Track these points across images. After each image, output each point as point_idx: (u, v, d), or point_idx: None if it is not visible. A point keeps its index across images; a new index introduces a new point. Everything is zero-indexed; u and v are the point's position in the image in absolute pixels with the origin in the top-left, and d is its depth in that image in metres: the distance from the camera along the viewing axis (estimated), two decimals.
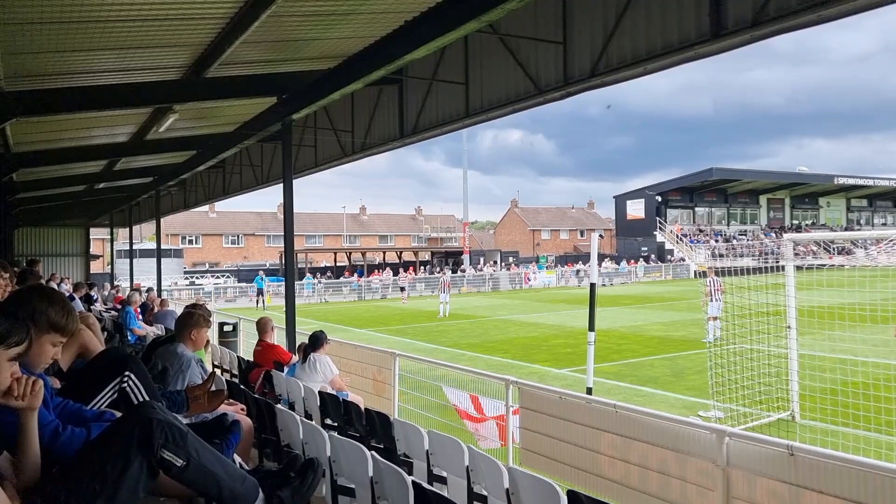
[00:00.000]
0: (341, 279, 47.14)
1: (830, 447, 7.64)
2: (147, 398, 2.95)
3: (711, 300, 16.65)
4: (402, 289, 41.56)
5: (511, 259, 58.10)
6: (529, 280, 48.31)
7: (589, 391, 9.80)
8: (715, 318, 16.09)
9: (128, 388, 3.00)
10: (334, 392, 7.24)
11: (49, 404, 2.43)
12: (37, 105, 9.08)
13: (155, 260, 26.38)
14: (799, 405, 10.42)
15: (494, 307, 32.55)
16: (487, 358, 17.12)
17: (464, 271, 49.64)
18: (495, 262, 55.90)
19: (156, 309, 14.61)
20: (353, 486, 4.31)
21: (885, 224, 72.80)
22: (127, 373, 3.02)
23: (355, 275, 47.71)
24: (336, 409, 6.43)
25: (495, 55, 8.78)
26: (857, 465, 4.50)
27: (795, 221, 68.51)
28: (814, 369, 11.44)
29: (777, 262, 12.30)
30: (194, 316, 4.95)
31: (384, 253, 63.20)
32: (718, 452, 5.16)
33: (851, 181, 66.17)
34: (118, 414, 2.74)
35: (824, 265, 18.94)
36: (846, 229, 64.04)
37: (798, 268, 11.97)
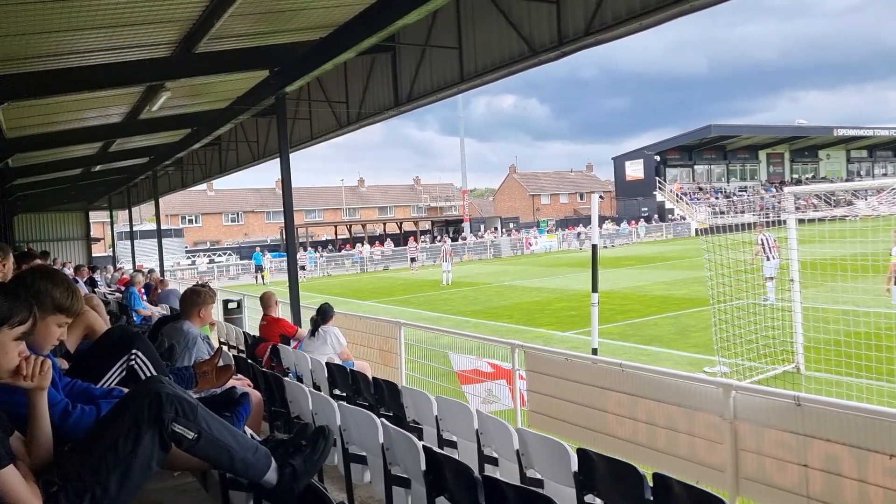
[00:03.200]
0: (343, 252, 47.17)
1: (836, 397, 7.70)
2: (153, 374, 2.96)
3: (767, 259, 15.62)
4: (413, 259, 41.18)
5: (512, 225, 58.05)
6: (531, 245, 48.31)
7: (594, 352, 9.84)
8: (771, 279, 15.17)
9: (136, 366, 3.01)
10: (342, 362, 7.28)
11: (58, 384, 2.43)
12: (27, 88, 8.99)
13: (155, 241, 26.38)
14: (804, 357, 10.47)
15: (497, 274, 32.61)
16: (491, 324, 17.20)
17: (465, 239, 49.63)
18: (496, 229, 55.86)
19: (159, 289, 14.64)
20: (364, 453, 4.36)
21: (885, 174, 72.36)
22: (134, 350, 3.03)
23: (358, 245, 47.71)
24: (344, 380, 6.47)
25: (488, 17, 8.65)
26: (864, 413, 4.53)
27: (795, 175, 68.21)
28: (818, 321, 11.47)
29: (778, 216, 12.27)
30: (201, 293, 4.97)
31: (384, 224, 63.15)
32: (725, 406, 5.19)
33: (851, 132, 65.71)
34: (126, 391, 2.75)
35: (825, 217, 18.93)
36: (846, 181, 63.84)
37: (800, 221, 11.93)
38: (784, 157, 68.72)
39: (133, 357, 3.01)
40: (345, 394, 6.39)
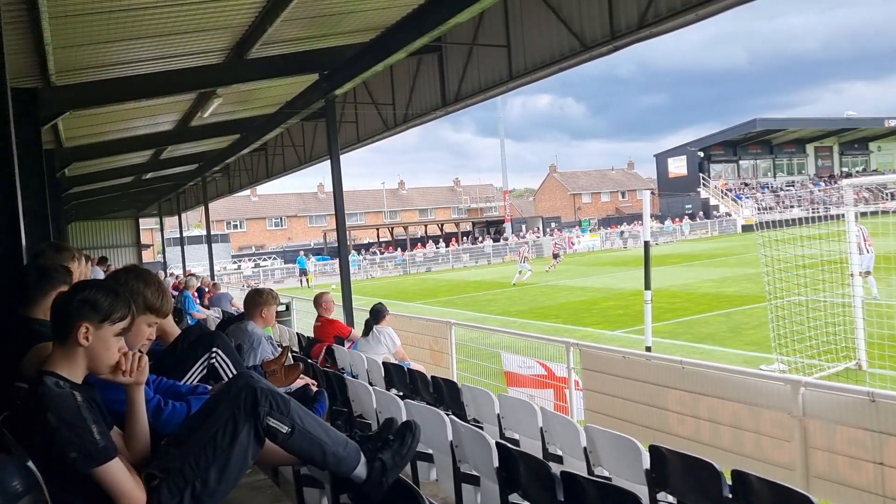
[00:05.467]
0: (385, 254, 47.49)
1: None
2: (236, 372, 3.01)
3: (861, 252, 14.00)
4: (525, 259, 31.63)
5: (553, 225, 57.65)
6: (573, 245, 47.91)
7: (648, 350, 9.71)
8: (868, 273, 14.18)
9: (216, 364, 3.07)
10: (398, 362, 7.32)
11: (150, 382, 2.49)
12: (87, 97, 9.25)
13: (203, 246, 26.95)
14: (866, 353, 10.16)
15: (540, 273, 32.42)
16: (539, 324, 17.09)
17: (506, 239, 49.47)
18: (538, 229, 55.54)
19: (211, 293, 14.93)
20: (430, 451, 4.36)
21: None
22: (214, 349, 3.09)
23: (398, 249, 47.96)
24: (402, 379, 6.49)
25: (537, 14, 8.61)
26: None
27: (845, 169, 66.24)
28: (880, 316, 11.14)
29: (828, 211, 11.92)
30: (263, 294, 5.06)
31: (426, 226, 63.31)
32: (794, 403, 5.08)
33: None
34: (210, 388, 2.80)
35: (878, 211, 18.34)
36: None
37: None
38: (833, 151, 66.82)
39: (214, 355, 3.07)
40: (402, 393, 6.42)
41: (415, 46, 8.23)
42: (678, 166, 62.22)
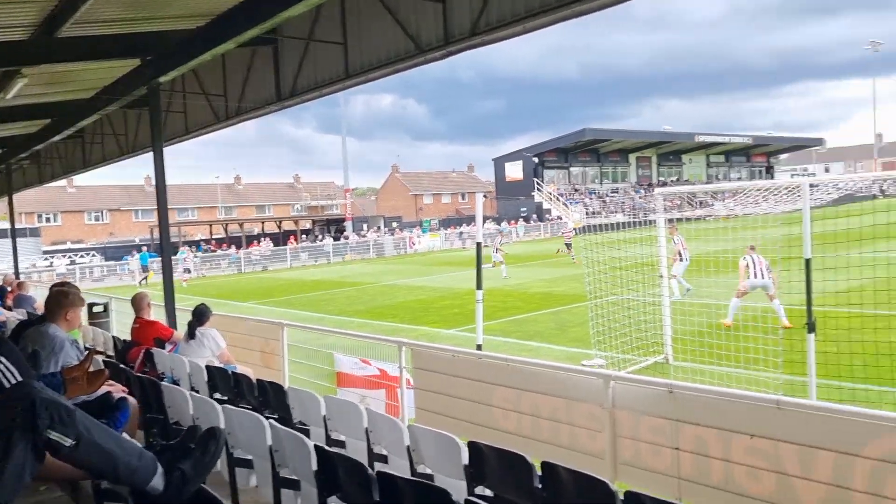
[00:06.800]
0: (218, 252, 45.46)
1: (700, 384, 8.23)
2: (21, 379, 2.72)
3: (681, 259, 16.35)
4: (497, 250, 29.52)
5: (395, 224, 58.08)
6: (414, 244, 48.55)
7: (479, 348, 10.01)
8: (674, 277, 15.86)
9: None
10: (222, 365, 7.01)
11: None
12: None
13: (9, 240, 24.35)
14: (672, 348, 11.13)
15: (380, 273, 32.53)
16: (376, 323, 17.13)
17: (347, 238, 49.14)
18: (379, 228, 55.71)
19: (15, 293, 13.51)
20: (250, 457, 4.22)
21: (740, 178, 78.44)
22: None
23: (233, 246, 46.10)
24: (225, 383, 6.23)
25: (374, 14, 8.59)
26: (728, 397, 4.88)
27: (662, 178, 72.49)
28: (684, 314, 12.26)
29: (646, 216, 12.97)
30: (69, 294, 4.64)
31: (263, 223, 61.43)
32: (605, 396, 5.42)
33: (710, 139, 70.69)
34: None
35: (690, 218, 20.24)
36: (707, 184, 68.54)
37: (668, 221, 12.71)
38: (652, 161, 72.91)
39: None
40: (226, 397, 6.16)
41: (246, 37, 7.92)
42: (514, 171, 64.97)
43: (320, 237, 51.64)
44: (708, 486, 4.73)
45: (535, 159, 63.13)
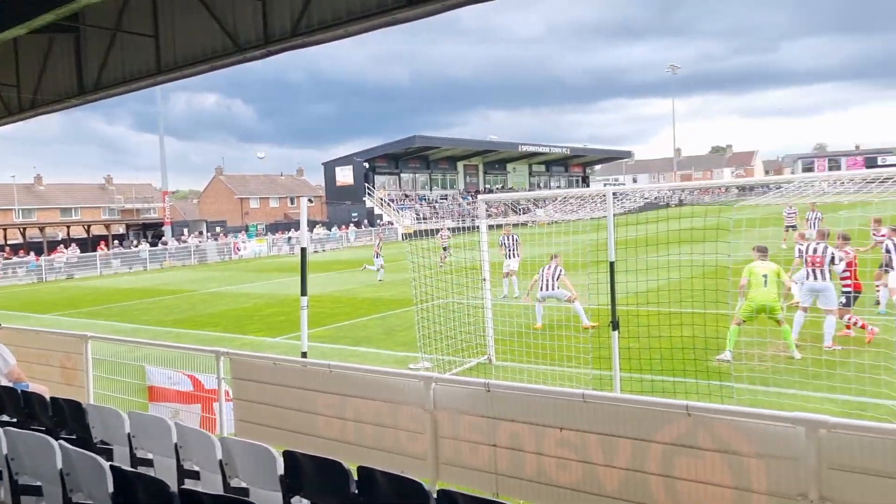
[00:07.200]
0: (14, 259, 41.00)
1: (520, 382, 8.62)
2: None
3: (513, 256, 18.03)
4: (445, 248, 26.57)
5: (218, 229, 55.59)
6: (239, 250, 46.72)
7: (304, 355, 9.80)
8: (512, 274, 17.70)
9: None
10: (11, 384, 6.30)
11: None
12: None
13: None
14: (494, 349, 11.56)
15: (202, 280, 30.97)
16: (196, 333, 16.28)
17: (165, 244, 46.27)
18: (201, 233, 53.05)
19: None
20: (39, 483, 3.82)
21: (559, 186, 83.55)
22: None
23: (31, 253, 41.76)
24: (14, 403, 5.61)
25: (188, 7, 8.15)
26: (539, 394, 5.13)
27: (488, 185, 75.46)
28: (505, 315, 12.81)
29: (473, 222, 13.39)
30: None
31: (68, 227, 56.33)
32: (426, 398, 5.50)
33: (532, 149, 74.63)
34: None
35: (516, 223, 21.21)
36: (529, 191, 72.33)
37: (490, 226, 13.22)
38: (479, 169, 75.66)
39: None
40: (16, 419, 5.54)
41: (38, 24, 7.19)
42: (345, 175, 64.62)
43: (136, 243, 48.19)
44: (523, 480, 4.95)
45: (366, 164, 63.24)
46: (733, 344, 10.22)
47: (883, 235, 13.48)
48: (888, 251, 12.56)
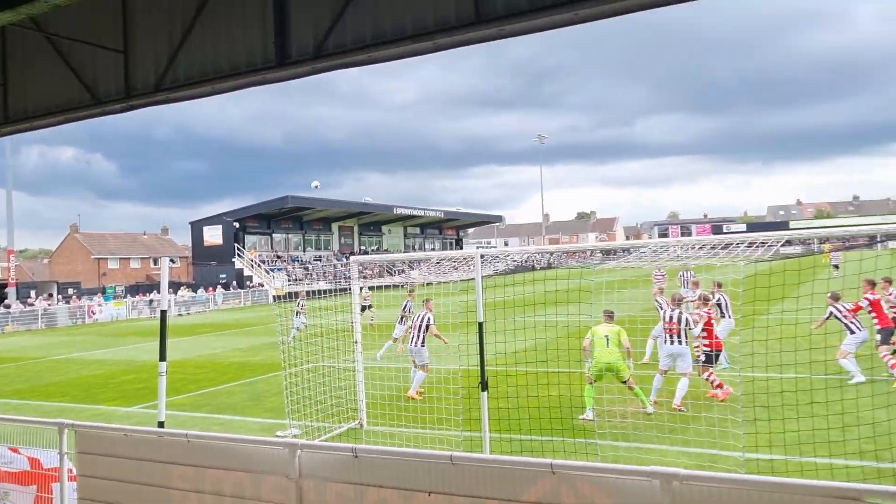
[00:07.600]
0: None
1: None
2: None
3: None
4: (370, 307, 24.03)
5: (71, 291, 51.79)
6: (94, 314, 43.63)
7: (161, 425, 9.18)
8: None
9: None
10: None
11: None
12: None
13: None
14: (366, 413, 11.34)
15: (50, 346, 28.55)
16: (39, 404, 14.89)
17: (8, 307, 42.42)
18: (51, 295, 49.18)
19: None
20: None
21: (433, 248, 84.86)
22: None
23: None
24: None
25: (42, 56, 7.73)
26: (407, 457, 5.05)
27: (363, 247, 75.39)
28: (377, 378, 12.65)
29: (347, 283, 13.30)
30: None
31: None
32: (291, 466, 5.29)
33: (407, 211, 75.64)
34: None
35: (389, 286, 21.20)
36: (404, 253, 72.89)
37: (361, 287, 13.14)
38: (354, 230, 75.59)
39: None
40: None
41: None
42: (214, 235, 62.46)
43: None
44: None
45: (237, 224, 61.51)
46: (592, 402, 10.58)
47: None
48: (719, 305, 14.29)
